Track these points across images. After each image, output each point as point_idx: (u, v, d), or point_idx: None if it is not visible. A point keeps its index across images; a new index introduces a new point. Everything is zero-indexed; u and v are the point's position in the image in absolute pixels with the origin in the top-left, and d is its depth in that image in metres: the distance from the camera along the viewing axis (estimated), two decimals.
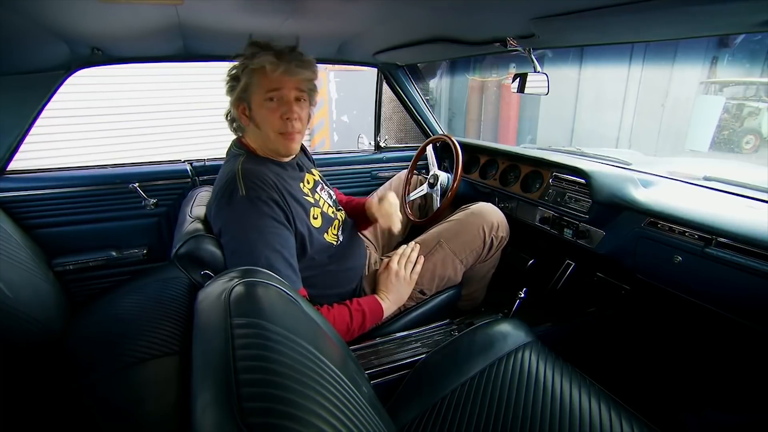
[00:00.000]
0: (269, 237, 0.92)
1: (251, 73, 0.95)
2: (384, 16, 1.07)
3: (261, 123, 0.99)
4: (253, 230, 0.91)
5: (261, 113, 0.98)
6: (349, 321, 1.01)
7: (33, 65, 1.22)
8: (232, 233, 0.93)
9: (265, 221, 0.92)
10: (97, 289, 1.50)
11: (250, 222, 0.91)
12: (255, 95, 0.97)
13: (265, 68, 0.93)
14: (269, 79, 0.95)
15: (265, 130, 0.99)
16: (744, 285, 0.90)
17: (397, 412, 0.85)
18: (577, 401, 0.79)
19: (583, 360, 1.02)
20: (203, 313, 0.52)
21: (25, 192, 1.38)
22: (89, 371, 0.99)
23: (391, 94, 2.00)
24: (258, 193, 0.93)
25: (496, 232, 1.26)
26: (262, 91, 0.96)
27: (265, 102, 0.97)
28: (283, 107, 0.97)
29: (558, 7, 0.85)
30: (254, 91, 0.97)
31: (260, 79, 0.95)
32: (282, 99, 0.97)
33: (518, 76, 1.28)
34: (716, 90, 5.07)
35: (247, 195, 0.92)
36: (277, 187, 0.96)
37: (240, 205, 0.92)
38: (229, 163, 1.03)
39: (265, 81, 0.95)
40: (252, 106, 0.98)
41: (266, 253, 0.90)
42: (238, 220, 0.92)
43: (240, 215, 0.92)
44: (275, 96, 0.96)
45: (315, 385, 0.45)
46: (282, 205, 0.95)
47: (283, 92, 0.96)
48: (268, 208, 0.93)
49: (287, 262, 0.93)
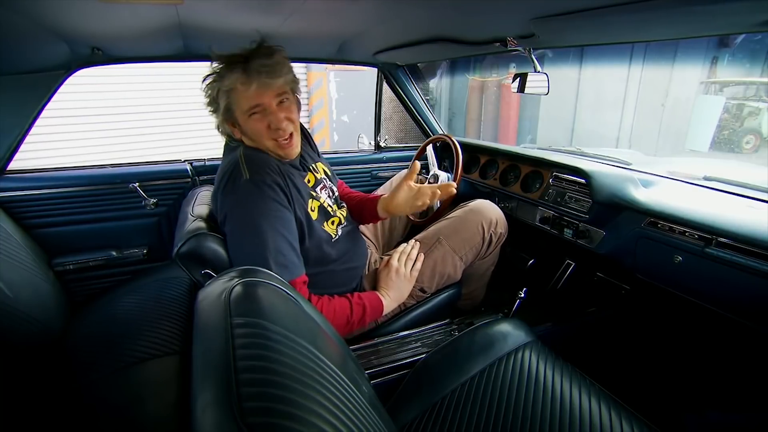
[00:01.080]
0: (274, 220, 0.92)
1: (226, 94, 0.94)
2: (384, 16, 1.07)
3: (253, 136, 0.99)
4: (258, 213, 0.91)
5: (249, 128, 0.97)
6: (350, 313, 1.01)
7: (33, 65, 1.22)
8: (237, 217, 0.92)
9: (270, 204, 0.92)
10: (97, 289, 1.50)
11: (254, 205, 0.92)
12: (237, 113, 0.96)
13: (241, 86, 0.91)
14: (246, 97, 0.93)
15: (259, 141, 0.99)
16: (744, 285, 0.90)
17: (397, 412, 0.85)
18: (577, 401, 0.79)
19: (583, 360, 1.02)
20: (203, 312, 0.52)
21: (25, 192, 1.38)
22: (89, 371, 1.00)
23: (391, 94, 1.99)
24: (262, 177, 0.93)
25: (494, 229, 1.26)
26: (243, 108, 0.95)
27: (249, 117, 0.95)
28: (268, 117, 0.95)
29: (558, 7, 0.85)
30: (235, 109, 0.96)
31: (237, 97, 0.94)
32: (265, 111, 0.95)
33: (518, 76, 1.28)
34: (716, 90, 5.07)
35: (251, 178, 0.92)
36: (279, 170, 0.97)
37: (244, 188, 0.92)
38: (229, 154, 1.03)
39: (242, 99, 0.93)
40: (239, 122, 0.98)
41: (272, 235, 0.90)
42: (243, 204, 0.92)
43: (245, 198, 0.92)
44: (257, 110, 0.95)
45: (315, 384, 0.45)
46: (284, 189, 0.96)
47: (264, 104, 0.94)
48: (272, 192, 0.93)
49: (291, 246, 0.94)
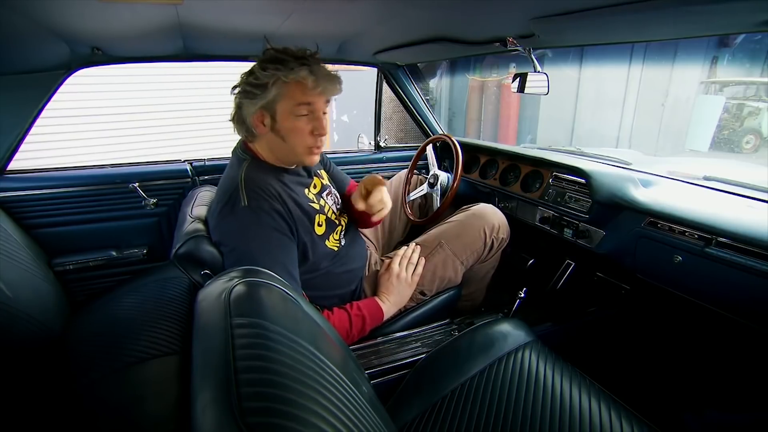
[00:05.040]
0: (271, 248, 0.91)
1: (285, 85, 0.91)
2: (384, 16, 1.07)
3: (287, 135, 0.95)
4: (254, 240, 0.90)
5: (289, 126, 0.94)
6: (349, 327, 1.01)
7: (33, 65, 1.22)
8: (234, 243, 0.91)
9: (267, 232, 0.91)
10: (97, 289, 1.50)
11: (251, 232, 0.90)
12: (283, 106, 0.93)
13: (301, 83, 0.90)
14: (304, 94, 0.92)
15: (291, 143, 0.96)
16: (744, 285, 0.90)
17: (397, 412, 0.85)
18: (577, 401, 0.79)
19: (583, 360, 1.02)
20: (203, 312, 0.52)
21: (25, 192, 1.38)
22: (89, 371, 0.99)
23: (391, 94, 1.99)
24: (260, 204, 0.91)
25: (496, 234, 1.26)
26: (293, 103, 0.92)
27: (295, 116, 0.93)
28: (314, 122, 0.95)
29: (558, 7, 0.85)
30: (282, 102, 0.92)
31: (293, 91, 0.91)
32: (313, 114, 0.94)
33: (518, 76, 1.28)
34: (716, 90, 5.08)
35: (249, 205, 0.91)
36: (280, 196, 0.95)
37: (242, 215, 0.91)
38: (233, 168, 1.01)
39: (298, 94, 0.92)
40: (277, 117, 0.94)
41: (268, 263, 0.88)
42: (239, 231, 0.91)
43: (242, 225, 0.91)
44: (307, 110, 0.93)
45: (315, 384, 0.45)
46: (285, 216, 0.94)
47: (316, 107, 0.94)
48: (270, 219, 0.92)
49: (287, 272, 0.92)
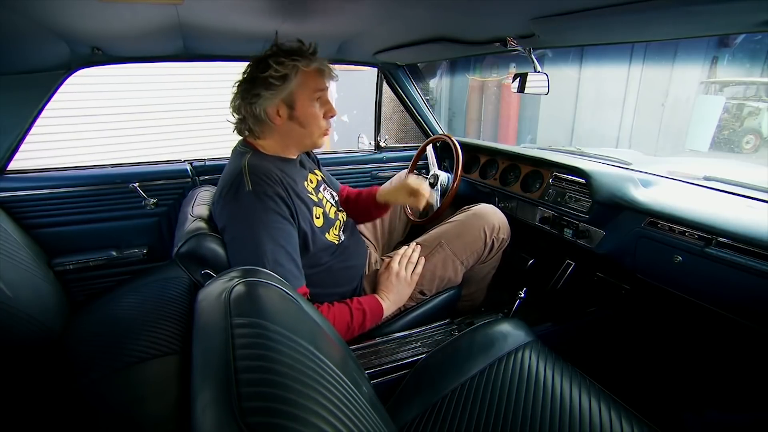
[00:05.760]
0: (274, 232, 0.92)
1: (305, 74, 0.99)
2: (384, 16, 1.07)
3: (306, 122, 1.03)
4: (258, 225, 0.91)
5: (308, 112, 1.02)
6: (350, 320, 1.01)
7: (33, 65, 1.22)
8: (238, 228, 0.93)
9: (271, 216, 0.93)
10: (97, 289, 1.50)
11: (255, 217, 0.92)
12: (302, 94, 1.00)
13: (317, 71, 1.01)
14: (318, 81, 1.01)
15: (310, 128, 1.04)
16: (744, 285, 0.90)
17: (398, 412, 0.85)
18: (577, 401, 0.79)
19: (583, 360, 1.02)
20: (203, 312, 0.52)
21: (25, 192, 1.38)
22: (89, 371, 0.99)
23: (391, 94, 1.99)
24: (264, 188, 0.93)
25: (497, 234, 1.26)
26: (310, 91, 1.00)
27: (312, 102, 1.02)
28: (326, 106, 1.05)
29: (558, 7, 0.85)
30: (301, 91, 1.00)
31: (310, 80, 1.00)
32: (323, 98, 1.04)
33: (518, 76, 1.28)
34: (716, 90, 5.08)
35: (253, 190, 0.93)
36: (282, 182, 0.97)
37: (246, 199, 0.92)
38: (235, 160, 1.04)
39: (313, 83, 1.01)
40: (296, 105, 1.01)
41: (271, 247, 0.90)
42: (243, 215, 0.92)
43: (246, 210, 0.92)
44: (321, 96, 1.03)
45: (315, 384, 0.45)
46: (287, 201, 0.96)
47: (325, 92, 1.04)
48: (274, 204, 0.93)
49: (291, 258, 0.94)
